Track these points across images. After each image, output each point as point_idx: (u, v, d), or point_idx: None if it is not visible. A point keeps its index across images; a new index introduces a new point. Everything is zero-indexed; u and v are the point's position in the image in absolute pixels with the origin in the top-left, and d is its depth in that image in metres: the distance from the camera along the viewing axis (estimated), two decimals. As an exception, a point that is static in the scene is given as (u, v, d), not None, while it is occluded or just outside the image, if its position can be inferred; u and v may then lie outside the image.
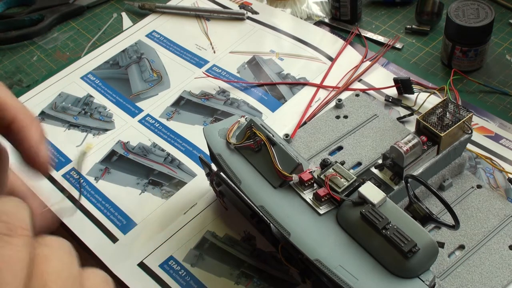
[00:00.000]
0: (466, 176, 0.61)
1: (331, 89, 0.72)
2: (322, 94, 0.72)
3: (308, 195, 0.50)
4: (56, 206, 0.39)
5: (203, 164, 0.60)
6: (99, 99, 0.75)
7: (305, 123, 0.68)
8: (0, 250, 0.26)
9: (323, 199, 0.49)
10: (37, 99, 0.76)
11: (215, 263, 0.57)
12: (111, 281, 0.31)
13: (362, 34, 0.79)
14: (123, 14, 0.88)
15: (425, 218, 0.50)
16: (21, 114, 0.35)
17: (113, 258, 0.58)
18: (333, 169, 0.50)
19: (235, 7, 0.86)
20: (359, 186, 0.48)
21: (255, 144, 0.52)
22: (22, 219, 0.28)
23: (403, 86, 0.69)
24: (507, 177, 0.61)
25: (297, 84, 0.74)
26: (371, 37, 0.79)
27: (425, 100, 0.67)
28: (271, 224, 0.52)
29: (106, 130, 0.71)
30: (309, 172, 0.50)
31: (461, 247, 0.56)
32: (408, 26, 0.79)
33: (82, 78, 0.78)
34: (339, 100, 0.69)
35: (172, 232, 0.60)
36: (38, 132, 0.36)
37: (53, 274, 0.27)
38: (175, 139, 0.69)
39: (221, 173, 0.56)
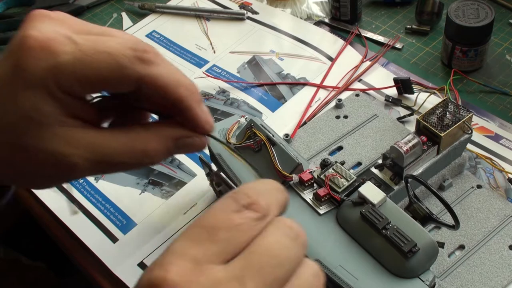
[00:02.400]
0: (466, 176, 0.61)
1: (331, 89, 0.72)
2: (322, 94, 0.72)
3: (308, 195, 0.50)
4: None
5: (203, 164, 0.60)
6: (99, 99, 0.75)
7: (305, 123, 0.68)
8: (231, 214, 0.31)
9: (323, 199, 0.49)
10: (37, 99, 0.76)
11: (215, 263, 0.57)
12: (323, 278, 0.33)
13: (362, 34, 0.79)
14: (123, 14, 0.88)
15: (425, 218, 0.50)
16: (185, 96, 0.38)
17: (113, 258, 0.58)
18: (333, 169, 0.50)
19: (235, 7, 0.86)
20: (359, 186, 0.48)
21: (255, 144, 0.52)
22: (265, 200, 0.32)
23: (403, 86, 0.69)
24: (507, 177, 0.61)
25: (297, 84, 0.74)
26: (371, 37, 0.79)
27: (425, 100, 0.67)
28: (271, 224, 0.52)
29: (106, 130, 0.71)
30: (309, 172, 0.50)
31: (461, 247, 0.56)
32: (408, 26, 0.79)
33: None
34: (339, 100, 0.69)
35: (172, 232, 0.60)
36: (202, 105, 0.39)
37: (268, 250, 0.31)
38: (175, 139, 0.69)
39: (221, 173, 0.56)
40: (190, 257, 0.30)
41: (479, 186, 0.60)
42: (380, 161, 0.56)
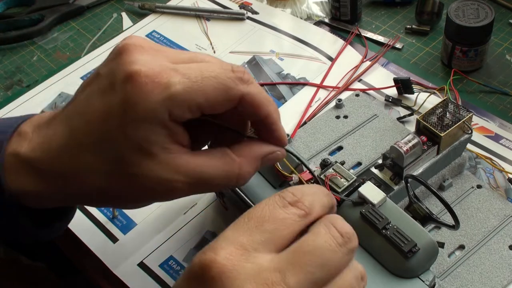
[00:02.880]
0: (466, 176, 0.61)
1: (331, 89, 0.72)
2: (322, 94, 0.72)
3: (308, 195, 0.50)
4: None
5: (203, 164, 0.60)
6: (99, 99, 0.75)
7: (305, 123, 0.68)
8: (277, 209, 0.35)
9: (323, 199, 0.49)
10: (37, 99, 0.76)
11: (215, 263, 0.57)
12: (366, 281, 0.35)
13: (362, 34, 0.79)
14: (123, 14, 0.88)
15: (425, 218, 0.50)
16: (273, 112, 0.42)
17: (113, 258, 0.58)
18: (333, 169, 0.50)
19: (235, 7, 0.86)
20: (359, 186, 0.48)
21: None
22: (309, 200, 0.36)
23: (403, 86, 0.69)
24: (507, 177, 0.61)
25: (297, 84, 0.74)
26: (371, 37, 0.79)
27: (425, 100, 0.67)
28: (271, 224, 0.52)
29: (106, 130, 0.71)
30: (309, 172, 0.50)
31: (461, 247, 0.56)
32: (408, 26, 0.79)
33: (82, 78, 0.78)
34: (339, 100, 0.69)
35: (172, 232, 0.60)
36: (281, 124, 0.43)
37: (314, 249, 0.33)
38: (175, 139, 0.69)
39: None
40: (239, 244, 0.33)
41: (479, 186, 0.60)
42: (380, 161, 0.56)
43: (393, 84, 0.70)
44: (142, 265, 0.58)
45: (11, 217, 0.43)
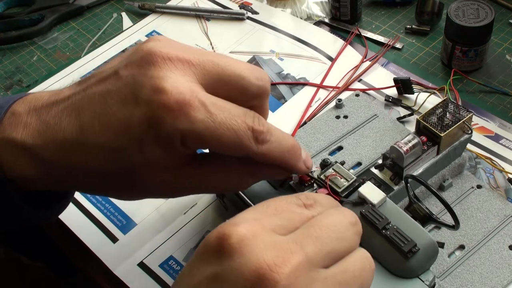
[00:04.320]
0: (466, 176, 0.61)
1: (331, 89, 0.72)
2: (322, 94, 0.72)
3: (308, 195, 0.50)
4: None
5: (203, 164, 0.60)
6: (99, 99, 0.75)
7: (305, 123, 0.68)
8: (294, 205, 0.37)
9: (323, 199, 0.49)
10: (37, 99, 0.76)
11: (215, 263, 0.57)
12: (373, 265, 0.37)
13: (362, 34, 0.79)
14: (123, 14, 0.88)
15: (425, 218, 0.50)
16: (288, 160, 0.43)
17: (113, 258, 0.58)
18: (333, 169, 0.50)
19: (235, 7, 0.86)
20: (359, 186, 0.48)
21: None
22: (320, 207, 0.38)
23: (403, 86, 0.69)
24: (507, 177, 0.61)
25: (297, 84, 0.74)
26: (371, 37, 0.79)
27: (425, 100, 0.67)
28: (271, 224, 0.52)
29: (106, 130, 0.71)
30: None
31: (461, 247, 0.56)
32: (408, 26, 0.79)
33: (82, 78, 0.78)
34: (339, 100, 0.69)
35: (172, 232, 0.60)
36: (302, 160, 0.45)
37: (329, 225, 0.36)
38: (175, 139, 0.69)
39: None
40: (258, 222, 0.34)
41: (479, 186, 0.60)
42: (380, 161, 0.56)
43: (393, 84, 0.70)
44: (142, 265, 0.58)
45: (8, 200, 0.43)
